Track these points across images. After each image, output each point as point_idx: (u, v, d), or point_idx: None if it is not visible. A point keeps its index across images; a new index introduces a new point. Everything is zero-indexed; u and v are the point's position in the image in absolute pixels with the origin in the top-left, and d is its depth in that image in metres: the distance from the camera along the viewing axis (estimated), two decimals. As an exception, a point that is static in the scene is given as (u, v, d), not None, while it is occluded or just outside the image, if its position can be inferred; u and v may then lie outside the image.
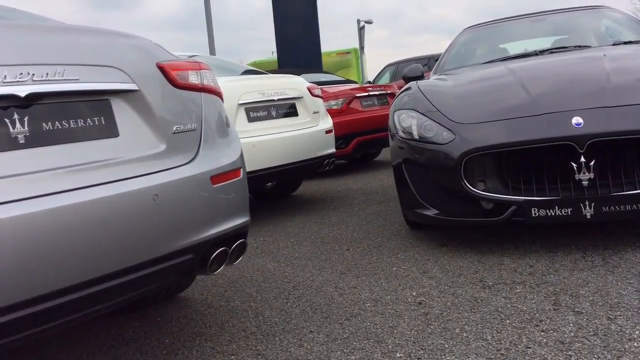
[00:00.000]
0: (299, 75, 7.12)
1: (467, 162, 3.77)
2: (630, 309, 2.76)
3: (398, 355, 2.59)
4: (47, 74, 2.13)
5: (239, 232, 2.75)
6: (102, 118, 2.31)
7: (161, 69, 2.59)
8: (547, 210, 3.56)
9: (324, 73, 11.89)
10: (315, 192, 7.65)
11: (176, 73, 2.64)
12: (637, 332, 2.53)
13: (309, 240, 4.93)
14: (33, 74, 2.09)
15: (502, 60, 5.47)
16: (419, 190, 4.18)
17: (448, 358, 2.51)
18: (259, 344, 2.91)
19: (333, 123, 6.68)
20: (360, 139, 8.73)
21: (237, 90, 5.60)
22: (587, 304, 2.89)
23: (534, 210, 3.58)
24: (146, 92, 2.46)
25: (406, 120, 4.32)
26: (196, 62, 2.86)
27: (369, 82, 16.32)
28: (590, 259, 3.53)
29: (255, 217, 5.89)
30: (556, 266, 3.47)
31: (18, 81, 2.04)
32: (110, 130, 2.32)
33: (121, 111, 2.38)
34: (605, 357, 2.35)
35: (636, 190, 3.47)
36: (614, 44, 5.34)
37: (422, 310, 3.07)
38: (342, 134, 8.19)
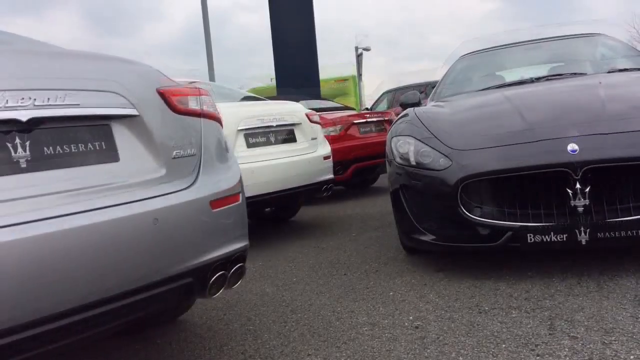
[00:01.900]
0: (297, 101, 7.17)
1: (464, 188, 3.79)
2: (625, 334, 2.77)
3: (394, 379, 2.61)
4: (49, 99, 2.16)
5: (238, 257, 2.76)
6: (103, 143, 2.34)
7: (161, 94, 2.62)
8: (543, 236, 3.58)
9: (322, 100, 11.95)
10: (313, 217, 7.66)
11: (176, 99, 2.67)
12: (632, 357, 2.54)
13: (307, 264, 4.94)
14: (34, 99, 2.11)
15: (498, 87, 5.51)
16: (416, 215, 4.21)
17: (444, 382, 2.53)
18: (256, 367, 2.92)
19: (331, 149, 6.72)
20: (358, 165, 8.76)
21: (237, 116, 5.65)
22: (583, 329, 2.90)
23: (530, 236, 3.61)
24: (146, 117, 2.49)
25: (403, 147, 4.35)
26: (196, 88, 2.89)
27: (367, 109, 16.38)
28: (586, 284, 3.55)
29: (254, 241, 5.89)
30: (552, 291, 3.49)
31: (20, 106, 2.06)
32: (110, 154, 2.35)
33: (122, 136, 2.41)
34: (600, 381, 2.37)
35: (631, 216, 3.50)
36: (609, 72, 5.38)
37: (419, 334, 3.08)
38: (340, 160, 8.22)
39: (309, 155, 6.20)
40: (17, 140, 2.06)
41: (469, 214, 3.79)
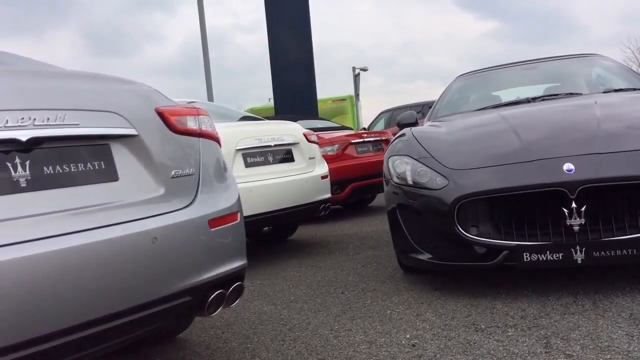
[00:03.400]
0: (295, 121, 7.20)
1: (460, 207, 3.81)
2: (621, 352, 2.78)
3: (391, 397, 2.61)
4: (48, 118, 2.18)
5: (236, 275, 2.78)
6: (102, 162, 2.36)
7: (160, 114, 2.64)
8: (539, 255, 3.59)
9: (320, 119, 11.99)
10: (311, 236, 7.67)
11: (175, 118, 2.70)
12: (626, 375, 2.55)
13: (305, 283, 4.95)
14: (34, 119, 2.13)
15: (494, 107, 5.54)
16: (412, 234, 4.22)
17: (441, 400, 2.54)
18: (254, 386, 2.92)
19: (328, 169, 6.74)
20: (355, 185, 8.77)
21: (235, 135, 5.67)
22: (578, 347, 2.91)
23: (526, 254, 3.62)
24: (145, 137, 2.51)
25: (400, 166, 4.37)
26: (194, 107, 2.91)
27: (364, 129, 16.45)
28: (581, 303, 3.56)
29: (252, 260, 5.89)
30: (547, 310, 3.50)
31: (20, 126, 2.08)
32: (110, 174, 2.37)
33: (121, 156, 2.43)
34: (595, 399, 2.38)
35: (626, 235, 3.51)
36: (604, 92, 5.41)
37: (416, 352, 3.09)
38: (338, 180, 8.24)
39: (306, 174, 6.23)
40: (17, 160, 2.08)
41: (465, 233, 3.80)
